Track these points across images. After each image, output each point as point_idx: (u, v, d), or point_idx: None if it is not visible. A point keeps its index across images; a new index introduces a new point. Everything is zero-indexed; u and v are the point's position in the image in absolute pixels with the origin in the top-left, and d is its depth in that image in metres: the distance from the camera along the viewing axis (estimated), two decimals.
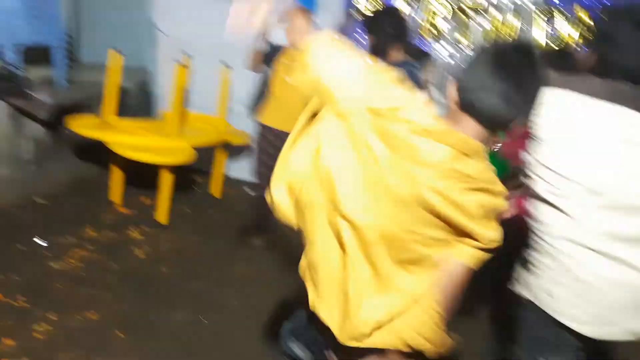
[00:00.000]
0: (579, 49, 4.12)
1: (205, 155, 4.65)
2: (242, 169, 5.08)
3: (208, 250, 3.94)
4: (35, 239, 3.70)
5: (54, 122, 4.63)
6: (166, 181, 4.10)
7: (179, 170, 4.82)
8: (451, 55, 4.59)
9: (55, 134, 4.86)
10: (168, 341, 2.92)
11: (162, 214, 4.18)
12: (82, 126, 4.14)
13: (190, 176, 5.01)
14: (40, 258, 3.52)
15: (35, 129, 4.51)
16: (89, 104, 4.79)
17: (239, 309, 3.26)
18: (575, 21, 4.35)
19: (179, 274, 3.58)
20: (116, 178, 4.39)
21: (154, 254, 3.80)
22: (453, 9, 4.54)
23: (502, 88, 1.39)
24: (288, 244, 2.54)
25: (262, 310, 3.16)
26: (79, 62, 5.91)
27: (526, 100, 1.43)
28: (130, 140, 4.02)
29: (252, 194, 4.30)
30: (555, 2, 4.36)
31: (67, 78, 5.02)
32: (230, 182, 5.07)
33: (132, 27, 5.75)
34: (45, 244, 3.68)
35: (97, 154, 4.77)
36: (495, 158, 1.90)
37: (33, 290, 3.17)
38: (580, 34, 4.33)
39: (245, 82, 4.39)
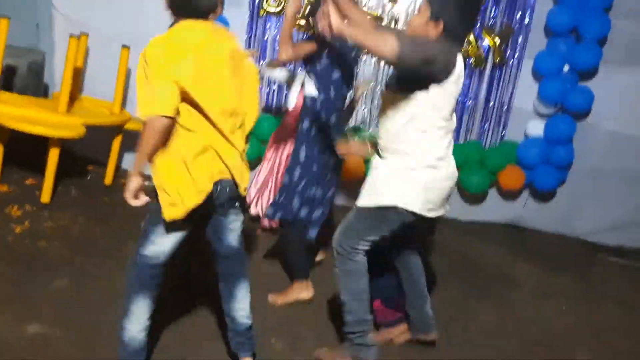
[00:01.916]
0: None
1: (101, 146, 4.52)
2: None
3: (93, 230, 3.79)
4: None
5: None
6: (53, 158, 3.92)
7: (73, 158, 4.66)
8: None
9: None
10: (42, 306, 2.79)
11: (46, 192, 3.98)
12: None
13: (84, 166, 4.83)
14: None
15: None
16: None
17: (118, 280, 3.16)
18: None
19: (59, 248, 3.43)
20: None
21: (33, 230, 3.61)
22: None
23: None
24: None
25: None
26: None
27: None
28: (16, 111, 3.82)
29: (146, 183, 4.20)
30: None
31: None
32: (123, 172, 4.92)
33: (29, 7, 5.49)
34: None
35: None
36: None
37: None
38: None
39: None
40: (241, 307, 2.46)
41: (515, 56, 4.86)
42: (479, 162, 4.80)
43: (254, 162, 4.65)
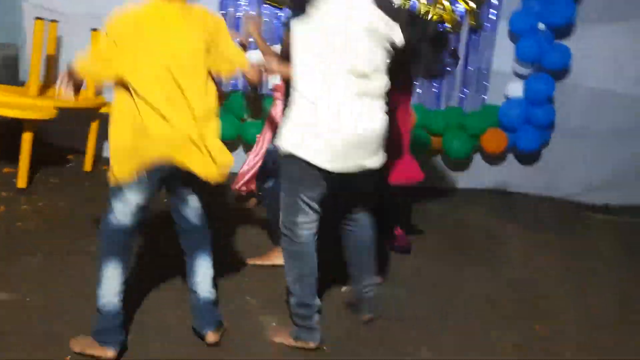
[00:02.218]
0: None
1: (80, 135, 4.50)
2: None
3: (70, 212, 3.75)
4: None
5: None
6: (27, 142, 3.87)
7: (52, 149, 4.62)
8: None
9: None
10: (13, 278, 2.75)
11: (22, 177, 3.93)
12: None
13: (64, 155, 4.79)
14: None
15: None
16: None
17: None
18: None
19: (35, 228, 3.39)
20: None
21: (8, 213, 3.57)
22: None
23: None
24: None
25: None
26: None
27: None
28: None
29: None
30: None
31: None
32: (105, 161, 4.88)
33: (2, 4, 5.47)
34: None
35: None
36: None
37: None
38: None
39: None
40: (201, 281, 2.44)
41: (491, 19, 4.83)
42: (460, 126, 4.77)
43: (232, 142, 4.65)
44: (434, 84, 4.90)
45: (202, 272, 2.44)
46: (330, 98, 2.35)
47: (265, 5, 4.70)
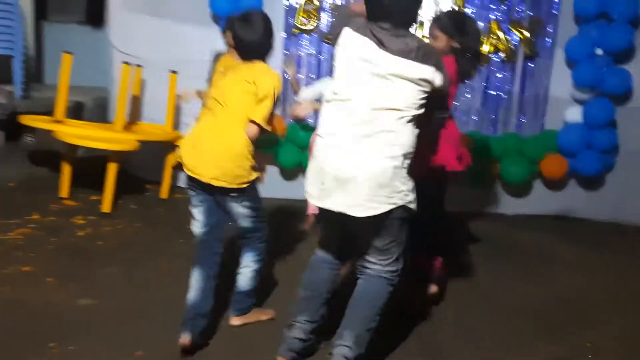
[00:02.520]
0: None
1: (158, 167, 4.94)
2: None
3: (146, 232, 4.15)
4: None
5: (10, 129, 4.92)
6: (112, 171, 4.34)
7: (133, 180, 5.10)
8: None
9: (11, 141, 5.14)
10: (94, 286, 3.11)
11: (106, 203, 4.39)
12: (34, 120, 4.41)
13: (144, 185, 5.27)
14: None
15: None
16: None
17: (165, 270, 3.46)
18: None
19: (115, 245, 3.79)
20: (65, 175, 4.61)
21: (93, 233, 4.00)
22: None
23: None
24: None
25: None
26: (43, 83, 6.27)
27: None
28: (77, 131, 4.30)
29: None
30: None
31: (27, 92, 5.35)
32: (179, 189, 5.30)
33: (94, 51, 6.16)
34: None
35: (51, 159, 5.07)
36: None
37: None
38: None
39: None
40: (241, 272, 2.84)
41: (547, 46, 4.90)
42: (518, 152, 4.81)
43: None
44: (491, 112, 5.01)
45: (245, 265, 2.83)
46: (324, 130, 2.37)
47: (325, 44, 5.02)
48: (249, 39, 2.64)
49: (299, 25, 5.06)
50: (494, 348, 2.86)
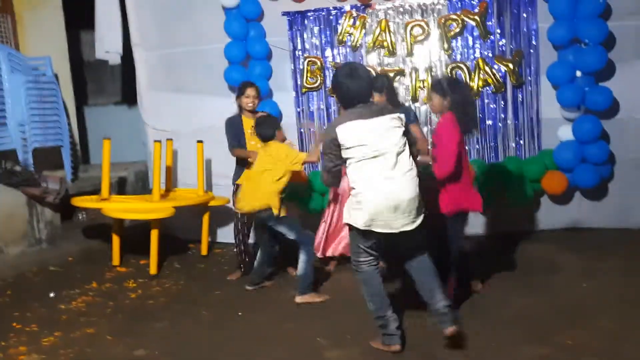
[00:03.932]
0: None
1: (198, 227, 5.50)
2: (226, 234, 5.83)
3: (189, 287, 4.72)
4: (50, 294, 4.55)
5: (65, 208, 5.62)
6: (154, 236, 4.94)
7: (177, 241, 5.70)
8: None
9: (66, 220, 5.84)
10: (147, 339, 3.67)
11: (153, 265, 4.98)
12: (83, 201, 5.09)
13: (186, 245, 5.86)
14: (51, 304, 4.35)
15: (49, 215, 5.48)
16: (94, 193, 5.80)
17: (204, 319, 3.99)
18: None
19: (163, 302, 4.35)
20: (115, 245, 5.24)
21: (143, 294, 4.59)
22: None
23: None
24: None
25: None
26: (89, 164, 7.04)
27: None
28: (120, 206, 4.94)
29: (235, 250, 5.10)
30: None
31: (76, 174, 6.08)
32: (218, 245, 5.88)
33: (132, 128, 6.90)
34: (53, 294, 4.52)
35: (102, 231, 5.74)
36: None
37: (44, 321, 4.00)
38: None
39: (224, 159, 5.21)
40: (299, 264, 4.32)
41: (532, 74, 5.32)
42: (518, 173, 5.18)
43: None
44: (491, 140, 5.44)
45: (300, 260, 4.21)
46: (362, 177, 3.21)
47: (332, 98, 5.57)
48: None
49: (307, 85, 5.65)
50: (481, 353, 3.23)
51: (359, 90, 3.23)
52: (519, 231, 5.41)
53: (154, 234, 4.95)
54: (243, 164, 4.76)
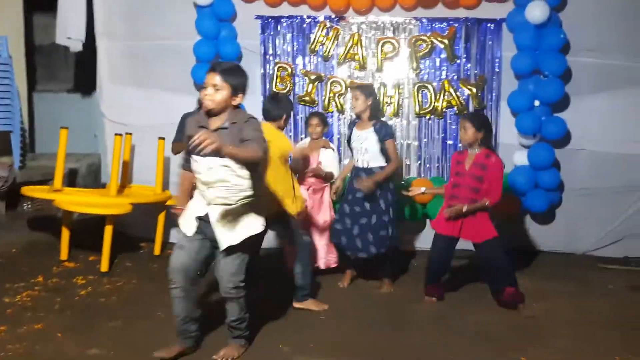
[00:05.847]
0: None
1: (151, 226, 5.39)
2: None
3: (142, 287, 4.58)
4: None
5: (9, 197, 5.36)
6: (108, 233, 4.77)
7: (128, 239, 5.52)
8: None
9: (10, 210, 5.57)
10: (100, 338, 3.55)
11: (104, 262, 4.81)
12: (34, 191, 4.87)
13: (139, 243, 5.69)
14: None
15: None
16: (42, 183, 5.56)
17: (160, 320, 3.89)
18: None
19: (115, 301, 4.21)
20: (65, 239, 5.03)
21: (94, 291, 4.42)
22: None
23: None
24: None
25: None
26: (34, 152, 6.74)
27: None
28: (74, 198, 4.76)
29: None
30: None
31: (24, 162, 5.81)
32: (171, 245, 5.71)
33: (84, 119, 6.67)
34: None
35: (48, 224, 5.50)
36: None
37: None
38: None
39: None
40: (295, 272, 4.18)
41: (493, 99, 5.53)
42: None
43: None
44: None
45: (296, 267, 4.13)
46: None
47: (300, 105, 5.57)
48: None
49: (276, 90, 5.62)
50: None
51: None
52: (471, 249, 5.56)
53: (108, 230, 4.79)
54: None
